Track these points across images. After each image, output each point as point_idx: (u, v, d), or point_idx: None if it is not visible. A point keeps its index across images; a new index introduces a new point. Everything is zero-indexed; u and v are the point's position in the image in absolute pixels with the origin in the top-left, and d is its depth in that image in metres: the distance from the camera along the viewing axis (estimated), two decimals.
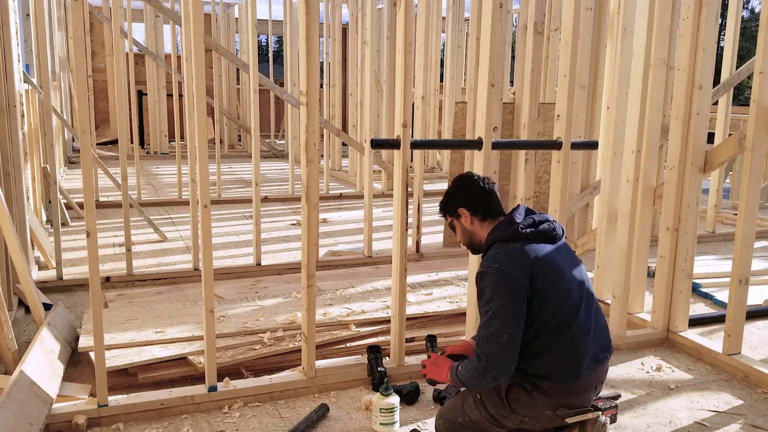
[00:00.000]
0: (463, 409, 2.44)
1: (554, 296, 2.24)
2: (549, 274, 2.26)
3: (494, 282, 2.22)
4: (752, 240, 3.32)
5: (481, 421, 2.39)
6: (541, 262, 2.26)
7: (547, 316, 2.24)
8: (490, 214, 2.44)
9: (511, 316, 2.19)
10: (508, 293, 2.20)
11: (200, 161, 2.75)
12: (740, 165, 8.22)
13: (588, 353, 2.29)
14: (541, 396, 2.26)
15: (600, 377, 2.36)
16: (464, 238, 2.51)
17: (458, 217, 2.48)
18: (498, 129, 4.88)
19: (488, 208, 2.44)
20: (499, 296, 2.20)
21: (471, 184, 2.48)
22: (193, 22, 2.78)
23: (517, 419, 2.34)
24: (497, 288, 2.21)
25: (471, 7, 5.20)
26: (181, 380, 3.12)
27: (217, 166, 7.54)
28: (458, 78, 9.98)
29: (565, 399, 2.27)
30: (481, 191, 2.45)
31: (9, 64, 4.24)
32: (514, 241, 2.31)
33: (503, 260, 2.25)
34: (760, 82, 3.19)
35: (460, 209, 2.45)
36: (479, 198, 2.44)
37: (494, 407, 2.35)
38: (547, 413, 2.29)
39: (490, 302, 2.21)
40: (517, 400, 2.30)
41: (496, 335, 2.19)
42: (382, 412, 2.74)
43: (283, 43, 15.16)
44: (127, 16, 7.51)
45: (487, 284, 2.24)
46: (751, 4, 29.65)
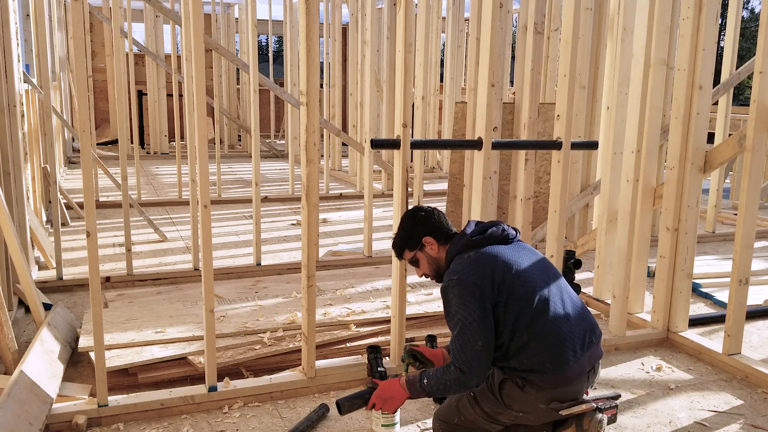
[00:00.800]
0: (458, 409, 2.45)
1: (518, 290, 2.29)
2: (507, 271, 2.31)
3: (457, 293, 2.28)
4: (752, 240, 3.32)
5: (477, 419, 2.40)
6: (497, 262, 2.33)
7: (518, 311, 2.27)
8: (449, 237, 2.51)
9: (481, 322, 2.24)
10: (472, 301, 2.25)
11: (200, 161, 2.75)
12: (740, 165, 8.22)
13: (573, 339, 2.30)
14: (534, 390, 2.27)
15: (591, 364, 2.37)
16: (431, 267, 2.54)
17: (422, 248, 2.52)
18: (498, 129, 4.89)
19: (447, 232, 2.52)
20: (464, 306, 2.26)
21: (422, 215, 2.55)
22: (193, 22, 2.78)
23: (513, 415, 2.35)
24: (461, 298, 2.27)
25: (471, 7, 5.21)
26: (181, 380, 3.12)
27: (217, 166, 7.55)
28: (458, 78, 9.99)
29: (556, 391, 2.28)
30: (434, 218, 2.54)
31: (9, 64, 4.24)
32: (467, 251, 2.39)
33: (461, 270, 2.32)
34: (760, 82, 3.19)
35: (425, 239, 2.50)
36: (436, 224, 2.52)
37: (489, 405, 2.37)
38: (541, 407, 2.30)
39: (457, 314, 2.27)
40: (511, 396, 2.31)
41: (471, 344, 2.24)
42: (384, 413, 2.73)
43: (283, 43, 15.16)
44: (127, 16, 7.51)
45: (451, 297, 2.31)
46: (751, 4, 29.65)
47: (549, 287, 2.35)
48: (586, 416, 2.32)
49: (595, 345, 2.39)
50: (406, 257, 2.58)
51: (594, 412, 2.32)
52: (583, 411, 2.29)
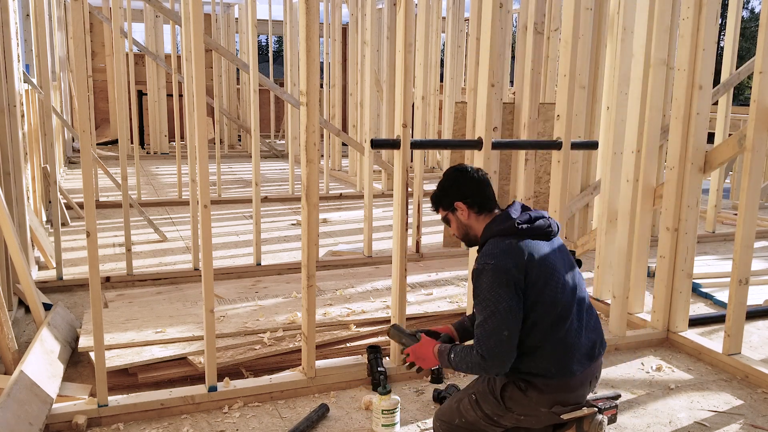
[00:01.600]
0: (459, 411, 2.43)
1: (547, 294, 2.24)
2: (543, 271, 2.25)
3: (491, 278, 2.21)
4: (752, 240, 3.32)
5: (478, 421, 2.39)
6: (536, 259, 2.25)
7: (541, 314, 2.23)
8: (486, 208, 2.42)
9: (510, 312, 2.18)
10: (505, 289, 2.19)
11: (200, 161, 2.75)
12: (740, 165, 8.22)
13: (580, 350, 2.28)
14: (536, 394, 2.25)
15: (594, 373, 2.35)
16: (460, 231, 2.48)
17: (454, 211, 2.45)
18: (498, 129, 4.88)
19: (485, 200, 2.42)
20: (496, 293, 2.19)
21: (466, 176, 2.44)
22: (193, 22, 2.78)
23: (513, 418, 2.33)
24: (494, 284, 2.20)
25: (471, 7, 5.21)
26: (181, 380, 3.12)
27: (217, 166, 7.55)
28: (458, 78, 9.98)
29: (559, 396, 2.26)
30: (477, 183, 2.43)
31: (9, 64, 4.24)
32: (510, 237, 2.30)
33: (499, 256, 2.23)
34: (760, 82, 3.19)
35: (457, 203, 2.42)
36: (476, 190, 2.42)
37: (490, 407, 2.35)
38: (542, 411, 2.28)
39: (488, 299, 2.21)
40: (513, 399, 2.29)
41: (497, 332, 2.18)
42: (384, 413, 2.73)
43: (283, 43, 15.16)
44: (127, 16, 7.51)
45: (483, 281, 2.23)
46: (751, 4, 29.65)
47: (574, 298, 2.31)
48: (586, 418, 2.32)
49: (596, 358, 2.36)
50: (440, 214, 2.52)
51: (594, 414, 2.32)
52: (585, 415, 2.29)
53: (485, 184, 2.44)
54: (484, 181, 2.44)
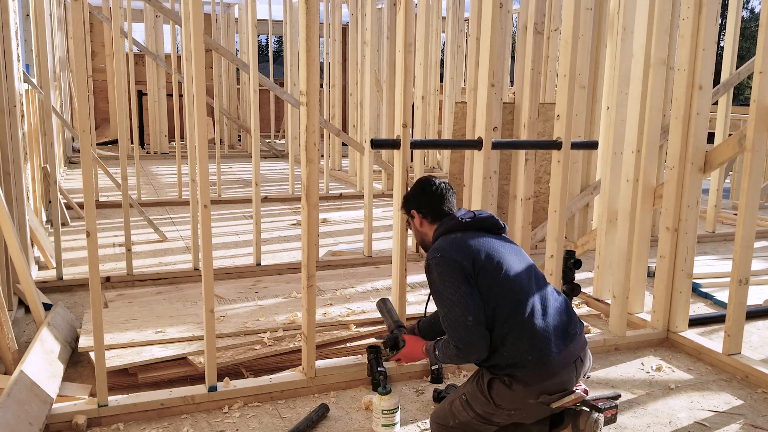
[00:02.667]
0: (452, 413, 2.45)
1: (500, 280, 2.31)
2: (491, 260, 2.34)
3: (441, 270, 2.32)
4: (752, 240, 3.32)
5: (471, 421, 2.41)
6: (483, 249, 2.36)
7: (499, 301, 2.29)
8: (439, 217, 2.56)
9: (467, 297, 2.27)
10: (457, 278, 2.29)
11: (200, 161, 2.75)
12: (740, 165, 8.22)
13: (551, 333, 2.29)
14: (521, 387, 2.28)
15: (577, 354, 2.34)
16: (417, 237, 2.67)
17: (412, 218, 2.63)
18: (498, 129, 4.89)
19: (438, 211, 2.56)
20: (449, 283, 2.29)
21: (426, 188, 2.61)
22: (193, 22, 2.78)
23: (505, 414, 2.36)
24: (445, 275, 2.30)
25: (471, 7, 5.20)
26: (181, 380, 3.12)
27: (217, 166, 7.55)
28: (458, 78, 9.98)
29: (543, 385, 2.28)
30: (434, 196, 2.58)
31: (9, 64, 4.24)
32: (455, 232, 2.45)
33: (445, 248, 2.37)
34: (760, 82, 3.19)
35: (412, 211, 2.61)
36: (431, 202, 2.57)
37: (481, 406, 2.37)
38: (530, 402, 2.30)
39: (443, 291, 2.31)
40: (500, 395, 2.32)
41: (461, 321, 2.26)
42: (384, 413, 2.74)
43: (283, 43, 15.16)
44: (127, 16, 7.51)
45: (434, 274, 2.34)
46: (751, 4, 29.65)
47: (530, 281, 2.38)
48: (582, 416, 2.33)
49: (578, 336, 2.37)
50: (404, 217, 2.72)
51: (590, 411, 2.32)
52: (573, 401, 2.30)
53: (442, 198, 2.59)
54: (442, 195, 2.59)
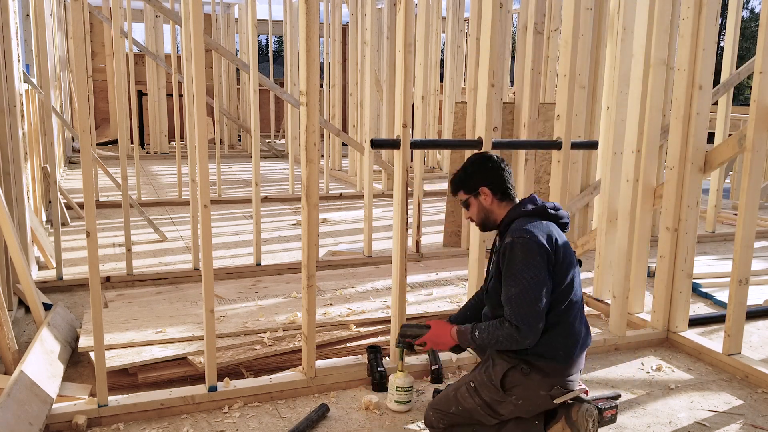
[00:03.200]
0: (456, 399, 2.49)
1: (564, 273, 2.34)
2: (565, 256, 2.36)
3: (526, 251, 2.27)
4: (752, 240, 3.32)
5: (475, 409, 2.44)
6: (561, 244, 2.37)
7: (559, 296, 2.33)
8: (508, 195, 2.52)
9: (543, 284, 2.26)
10: (541, 262, 2.27)
11: (200, 161, 2.75)
12: (740, 165, 8.22)
13: (580, 339, 2.39)
14: (539, 377, 2.33)
15: (582, 362, 2.47)
16: (479, 216, 2.55)
17: (477, 195, 2.52)
18: (498, 129, 4.89)
19: (508, 188, 2.52)
20: (531, 266, 2.26)
21: (491, 163, 2.54)
22: (193, 22, 2.78)
23: (511, 404, 2.39)
24: (529, 257, 2.27)
25: (471, 7, 5.21)
26: (181, 380, 3.12)
27: (217, 166, 7.55)
28: (458, 78, 9.99)
29: (560, 379, 2.35)
30: (502, 171, 2.52)
31: (9, 64, 4.24)
32: (538, 218, 2.41)
33: (532, 231, 2.32)
34: (760, 82, 3.19)
35: (482, 188, 2.50)
36: (500, 178, 2.51)
37: (489, 394, 2.41)
38: (541, 394, 2.35)
39: (522, 272, 2.26)
40: (513, 382, 2.36)
41: (533, 303, 2.24)
42: (398, 390, 2.84)
43: (283, 43, 15.16)
44: (127, 16, 7.51)
45: (517, 254, 2.28)
46: (751, 4, 29.65)
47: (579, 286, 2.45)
48: (573, 407, 2.37)
49: (588, 346, 2.48)
50: (460, 198, 2.59)
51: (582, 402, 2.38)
52: (576, 395, 2.38)
53: (508, 174, 2.54)
54: (508, 170, 2.55)
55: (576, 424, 2.34)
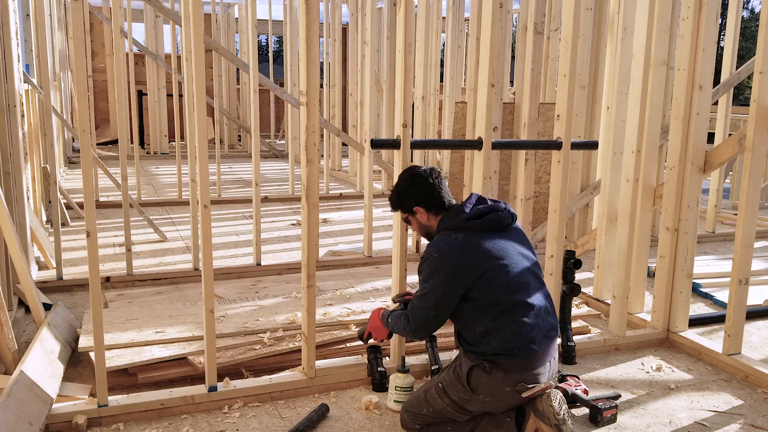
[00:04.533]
0: (426, 400, 2.57)
1: (498, 281, 2.41)
2: (491, 263, 2.43)
3: (432, 266, 2.46)
4: (752, 240, 3.32)
5: (445, 408, 2.52)
6: (482, 252, 2.44)
7: (493, 300, 2.40)
8: (442, 208, 2.61)
9: (442, 297, 2.44)
10: (444, 279, 2.42)
11: (200, 161, 2.75)
12: (740, 165, 8.22)
13: (538, 331, 2.43)
14: (501, 373, 2.39)
15: (552, 353, 2.50)
16: (421, 231, 2.72)
17: (413, 214, 2.66)
18: (498, 129, 4.89)
19: (440, 202, 2.61)
20: (434, 278, 2.45)
21: (420, 180, 2.63)
22: (193, 22, 2.78)
23: (479, 401, 2.46)
24: (433, 271, 2.45)
25: (471, 7, 5.21)
26: (181, 380, 3.12)
27: (217, 166, 7.55)
28: (458, 78, 9.98)
29: (521, 374, 2.40)
30: (432, 187, 2.61)
31: (9, 64, 4.24)
32: (457, 232, 2.49)
33: (443, 248, 2.47)
34: (760, 82, 3.19)
35: (416, 208, 2.63)
36: (432, 195, 2.61)
37: (457, 393, 2.48)
38: (506, 390, 2.41)
39: (426, 281, 2.47)
40: (478, 381, 2.43)
41: (426, 310, 2.49)
42: (398, 389, 2.88)
43: (283, 43, 15.15)
44: (127, 16, 7.51)
45: (427, 266, 2.49)
46: (751, 4, 29.65)
47: (529, 280, 2.48)
48: (537, 398, 2.44)
49: (554, 339, 2.52)
50: (401, 216, 2.78)
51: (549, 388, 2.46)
52: (542, 390, 2.43)
53: (439, 187, 2.63)
54: (438, 183, 2.63)
55: (543, 414, 2.41)
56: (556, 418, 2.39)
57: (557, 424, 2.39)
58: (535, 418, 2.43)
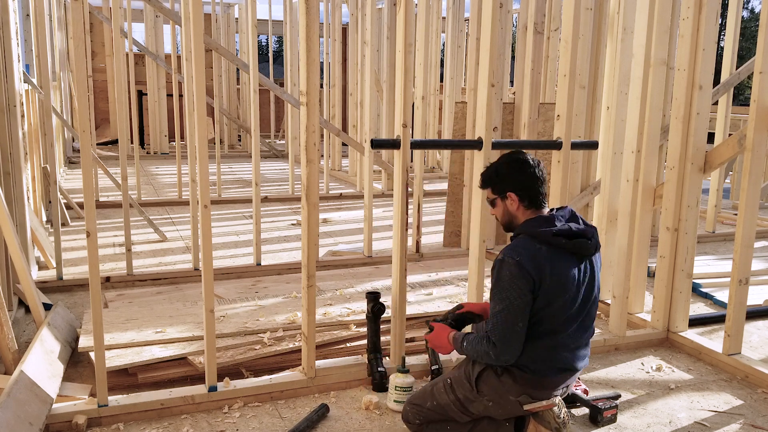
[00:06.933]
0: (432, 394, 2.55)
1: (551, 308, 2.33)
2: (557, 289, 2.32)
3: (514, 273, 2.28)
4: (752, 240, 3.32)
5: (449, 405, 2.50)
6: (555, 274, 2.31)
7: (538, 321, 2.34)
8: (535, 203, 2.45)
9: (526, 307, 2.29)
10: (525, 286, 2.28)
11: (200, 161, 2.75)
12: (740, 165, 8.22)
13: (563, 363, 2.40)
14: (510, 380, 2.37)
15: (568, 383, 2.48)
16: (504, 218, 2.51)
17: (504, 198, 2.47)
18: (498, 129, 4.89)
19: (537, 196, 2.44)
20: (517, 287, 2.28)
21: (526, 168, 2.44)
22: (193, 22, 2.78)
23: (482, 404, 2.44)
24: (516, 279, 2.28)
25: (471, 7, 5.21)
26: (181, 380, 3.12)
27: (217, 166, 7.54)
28: (458, 78, 9.98)
29: (529, 389, 2.38)
30: (535, 179, 2.44)
31: (9, 64, 4.24)
32: (541, 243, 2.34)
33: (524, 256, 2.30)
34: (760, 82, 3.19)
35: (509, 193, 2.45)
36: (532, 185, 2.43)
37: (463, 391, 2.47)
38: (510, 399, 2.39)
39: (508, 291, 2.29)
40: (486, 383, 2.41)
41: (512, 324, 2.29)
42: (398, 389, 2.88)
43: (283, 43, 15.15)
44: (127, 16, 7.51)
45: (506, 273, 2.30)
46: (751, 4, 29.65)
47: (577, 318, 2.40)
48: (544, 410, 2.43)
49: (575, 374, 2.48)
50: (487, 195, 2.55)
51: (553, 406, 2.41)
52: (544, 408, 2.39)
53: (542, 181, 2.46)
54: (542, 177, 2.46)
55: (543, 417, 2.40)
56: (556, 422, 2.38)
57: (557, 427, 2.38)
58: (535, 422, 2.43)
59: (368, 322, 3.20)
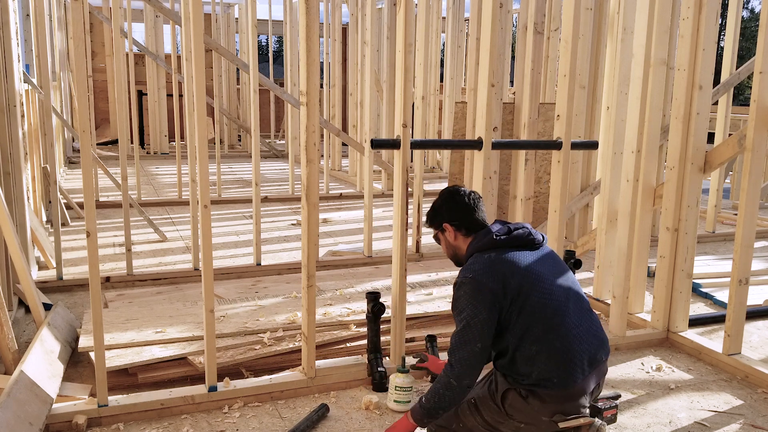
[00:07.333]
0: (457, 416, 2.41)
1: (534, 300, 2.26)
2: (525, 278, 2.28)
3: (468, 292, 2.27)
4: (752, 240, 3.32)
5: (477, 427, 2.37)
6: (517, 269, 2.29)
7: (530, 322, 2.25)
8: (473, 229, 2.48)
9: (485, 325, 2.24)
10: (482, 303, 2.25)
11: (200, 161, 2.75)
12: (740, 165, 8.22)
13: (582, 356, 2.27)
14: (538, 402, 2.25)
15: (597, 380, 2.35)
16: (448, 251, 2.57)
17: (443, 231, 2.53)
18: (498, 129, 4.89)
19: (472, 223, 2.48)
20: (473, 306, 2.25)
21: (457, 198, 2.51)
22: (193, 22, 2.78)
23: (514, 425, 2.32)
24: (471, 298, 2.26)
25: (471, 7, 5.21)
26: (181, 380, 3.12)
27: (217, 166, 7.54)
28: (458, 78, 9.98)
29: (560, 405, 2.26)
30: (466, 207, 2.49)
31: (9, 64, 4.24)
32: (489, 251, 2.36)
33: (478, 270, 2.30)
34: (760, 82, 3.19)
35: (445, 224, 2.51)
36: (464, 213, 2.48)
37: (490, 413, 2.34)
38: (543, 420, 2.28)
39: (464, 311, 2.27)
40: (513, 407, 2.29)
41: (471, 343, 2.25)
42: (398, 389, 2.86)
43: (283, 43, 15.16)
44: (127, 16, 7.51)
45: (462, 294, 2.30)
46: (751, 4, 29.65)
47: (567, 301, 2.32)
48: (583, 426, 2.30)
49: (603, 363, 2.36)
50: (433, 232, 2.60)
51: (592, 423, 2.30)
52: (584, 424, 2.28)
53: (474, 209, 2.50)
54: (474, 205, 2.50)
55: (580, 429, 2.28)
56: None
57: None
58: None
59: (368, 322, 3.20)
